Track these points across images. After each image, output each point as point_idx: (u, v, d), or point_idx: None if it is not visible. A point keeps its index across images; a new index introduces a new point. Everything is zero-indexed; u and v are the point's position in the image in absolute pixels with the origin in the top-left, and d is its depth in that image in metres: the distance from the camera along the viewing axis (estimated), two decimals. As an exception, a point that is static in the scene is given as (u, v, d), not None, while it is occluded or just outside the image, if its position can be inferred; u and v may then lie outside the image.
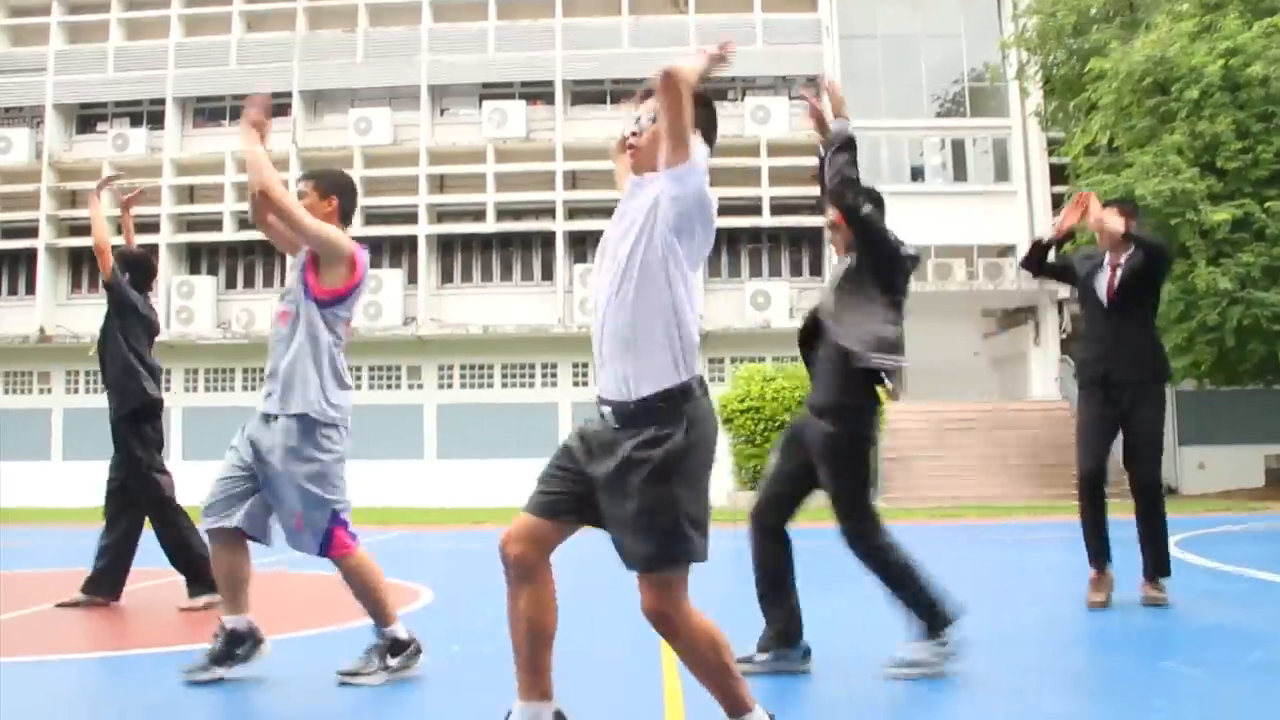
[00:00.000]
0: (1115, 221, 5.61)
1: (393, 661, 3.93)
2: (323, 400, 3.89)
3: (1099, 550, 5.58)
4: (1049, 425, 21.13)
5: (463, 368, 25.07)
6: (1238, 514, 15.05)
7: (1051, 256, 6.12)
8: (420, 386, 24.99)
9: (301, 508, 3.84)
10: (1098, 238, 5.77)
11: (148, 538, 6.05)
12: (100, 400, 23.62)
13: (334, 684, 3.85)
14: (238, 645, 3.89)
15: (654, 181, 2.75)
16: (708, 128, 2.85)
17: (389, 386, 24.97)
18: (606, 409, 2.75)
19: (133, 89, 26.33)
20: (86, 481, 23.34)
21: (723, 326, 24.00)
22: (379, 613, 3.96)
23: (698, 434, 2.68)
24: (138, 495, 5.92)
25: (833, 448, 3.99)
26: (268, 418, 3.92)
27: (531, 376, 24.95)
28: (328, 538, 3.88)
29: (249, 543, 3.96)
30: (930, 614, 3.89)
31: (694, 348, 2.76)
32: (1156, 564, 5.57)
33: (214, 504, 3.91)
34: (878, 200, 4.23)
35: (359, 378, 24.20)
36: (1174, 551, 8.64)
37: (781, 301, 24.00)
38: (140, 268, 6.29)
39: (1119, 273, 5.57)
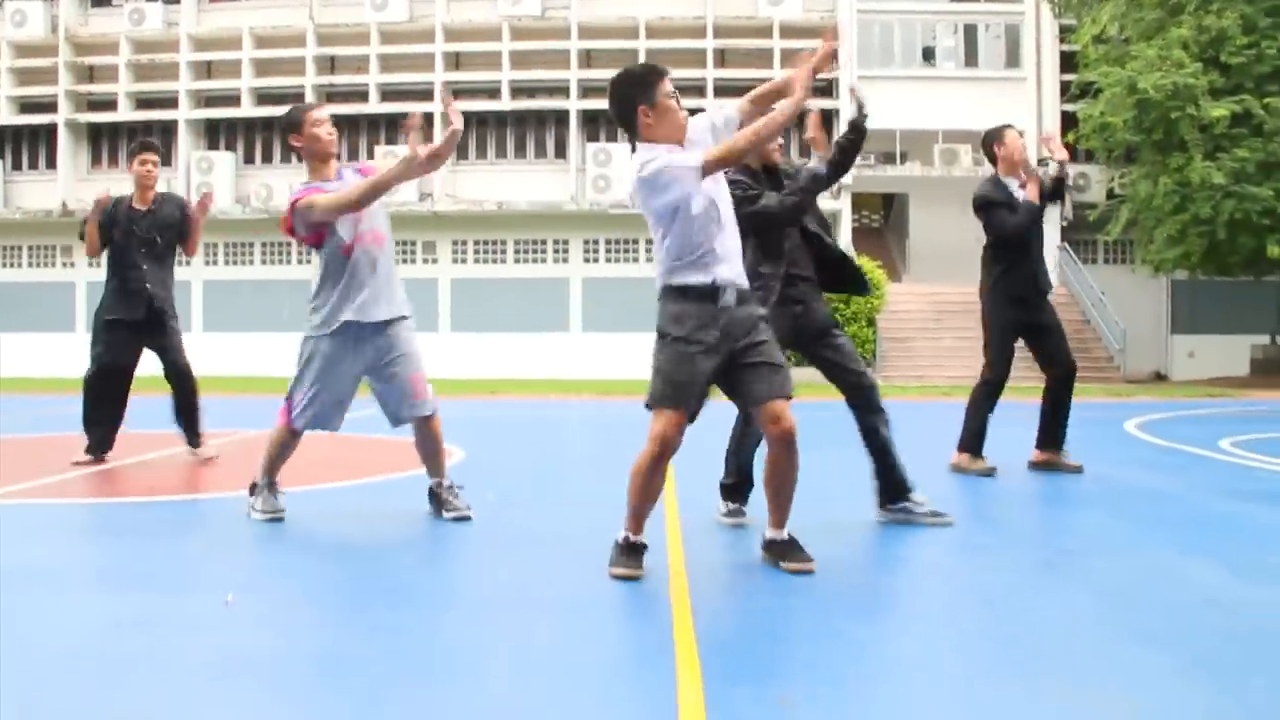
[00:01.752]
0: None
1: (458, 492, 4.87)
2: None
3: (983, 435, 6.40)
4: (1044, 311, 21.74)
5: (477, 243, 25.66)
6: (1215, 399, 15.82)
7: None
8: (435, 261, 25.63)
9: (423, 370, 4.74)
10: (1010, 164, 6.26)
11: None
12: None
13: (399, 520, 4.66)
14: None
15: None
16: None
17: (404, 261, 25.57)
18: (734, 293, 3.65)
19: (148, -39, 26.33)
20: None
21: (731, 209, 24.44)
22: (443, 464, 4.87)
23: None
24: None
25: None
26: (388, 323, 4.68)
27: (543, 252, 25.53)
28: None
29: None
30: None
31: None
32: (1063, 431, 6.44)
33: (319, 413, 4.69)
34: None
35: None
36: (1132, 430, 9.48)
37: (789, 184, 24.41)
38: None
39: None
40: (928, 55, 26.28)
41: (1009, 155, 6.25)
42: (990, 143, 6.36)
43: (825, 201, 23.74)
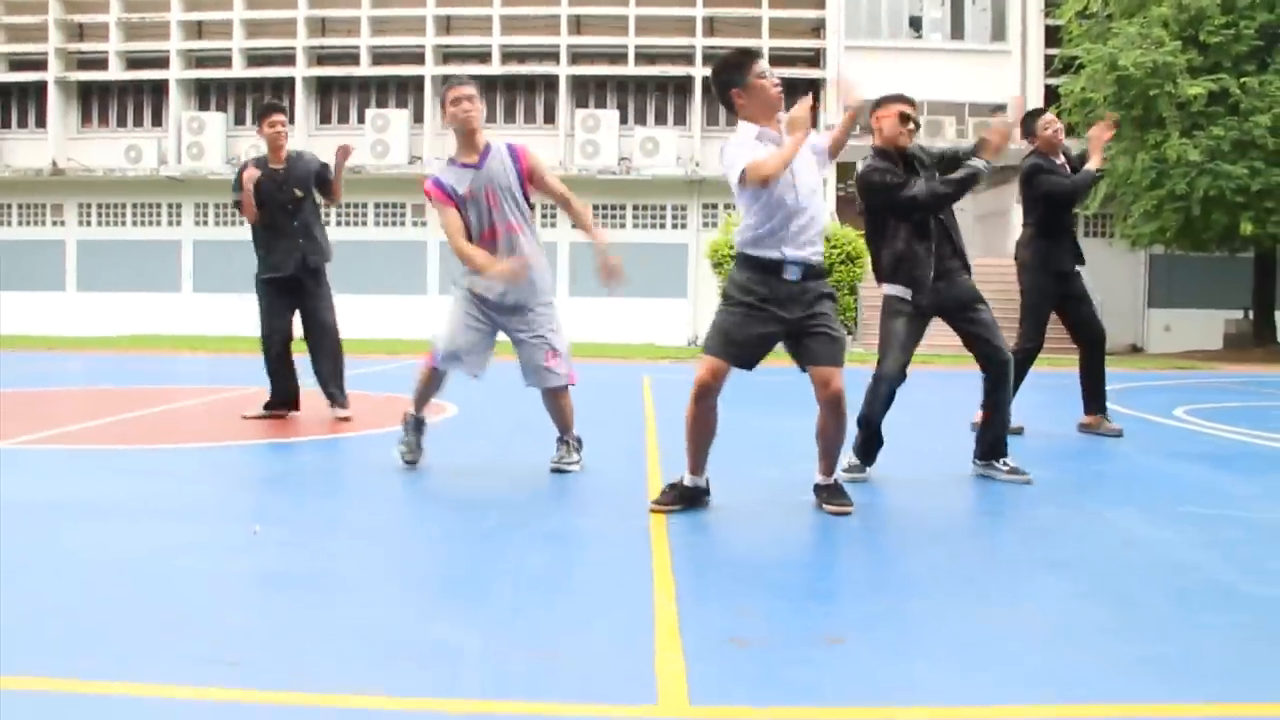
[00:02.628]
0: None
1: (580, 454, 5.19)
2: None
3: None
4: (1024, 282, 22.20)
5: (464, 208, 25.90)
6: (1183, 372, 16.33)
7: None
8: (424, 224, 25.88)
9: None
10: (1048, 139, 6.68)
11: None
12: (113, 232, 24.62)
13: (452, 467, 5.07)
14: (420, 431, 5.16)
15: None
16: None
17: (394, 224, 25.84)
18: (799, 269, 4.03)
19: (139, -82, 26.33)
20: (100, 312, 24.62)
21: (718, 174, 24.75)
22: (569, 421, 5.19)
23: None
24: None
25: None
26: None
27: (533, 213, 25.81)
28: None
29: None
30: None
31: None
32: (1104, 398, 6.94)
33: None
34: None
35: (364, 215, 25.12)
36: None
37: (776, 154, 24.73)
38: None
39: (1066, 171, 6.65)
40: (915, 23, 26.56)
41: (1050, 136, 6.67)
42: (1033, 121, 6.77)
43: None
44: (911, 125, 4.92)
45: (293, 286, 6.90)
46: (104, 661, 2.37)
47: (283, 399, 6.98)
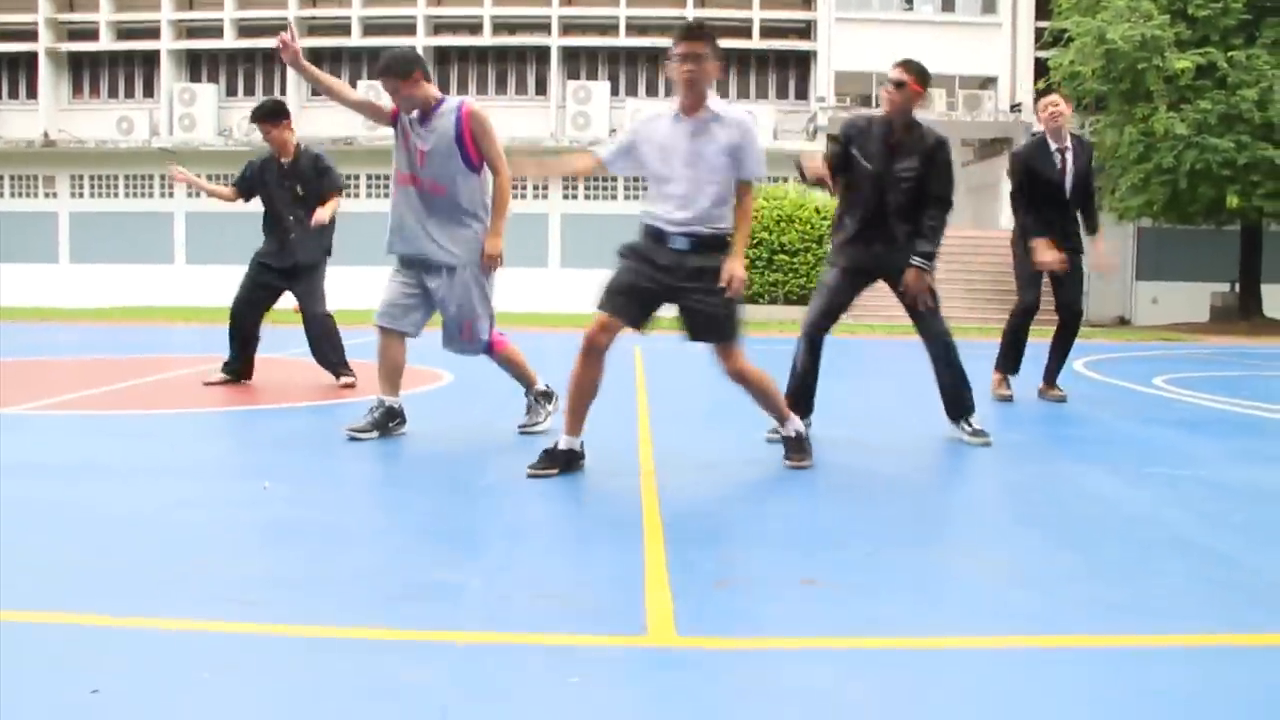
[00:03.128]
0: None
1: (550, 406, 5.31)
2: None
3: (1017, 361, 7.04)
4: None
5: (457, 179, 25.96)
6: (1168, 343, 16.55)
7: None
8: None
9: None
10: (1051, 118, 6.86)
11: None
12: (106, 204, 24.66)
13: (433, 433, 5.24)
14: (391, 420, 5.12)
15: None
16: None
17: (370, 195, 25.85)
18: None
19: (128, -112, 26.20)
20: (93, 283, 24.67)
21: (709, 149, 24.83)
22: (525, 376, 5.32)
23: None
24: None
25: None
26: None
27: (524, 187, 25.88)
28: None
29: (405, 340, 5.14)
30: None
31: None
32: (1057, 371, 7.23)
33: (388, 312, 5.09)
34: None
35: (358, 187, 25.16)
36: (1079, 369, 10.12)
37: (766, 124, 24.79)
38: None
39: (1068, 160, 6.78)
40: (906, -2, 26.61)
41: (1046, 119, 6.91)
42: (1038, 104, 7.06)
43: (802, 142, 24.19)
44: (890, 88, 5.00)
45: (284, 274, 7.12)
46: (130, 600, 2.55)
47: (234, 368, 7.19)
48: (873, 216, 5.09)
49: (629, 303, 4.15)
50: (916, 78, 5.01)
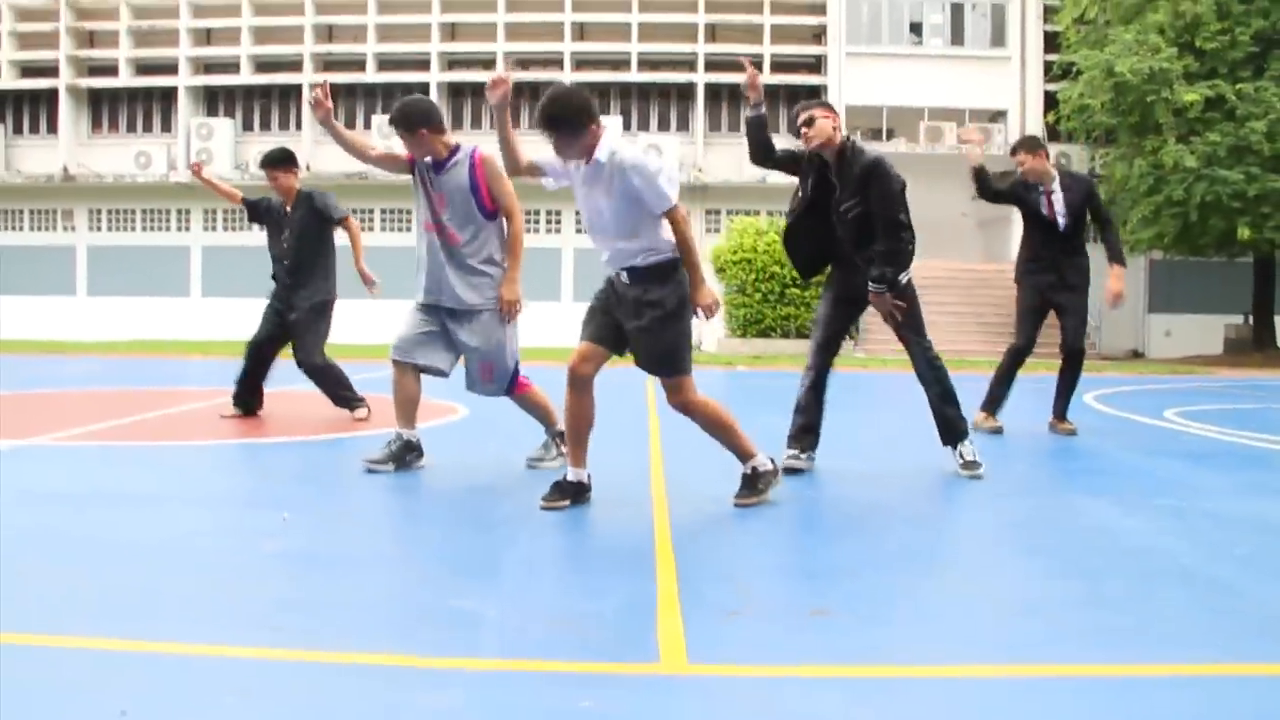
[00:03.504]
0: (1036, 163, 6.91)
1: (562, 447, 5.27)
2: None
3: (999, 401, 7.10)
4: (1024, 287, 22.43)
5: (471, 214, 26.17)
6: (1181, 376, 16.55)
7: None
8: (430, 231, 26.19)
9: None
10: (1023, 174, 6.98)
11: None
12: (123, 237, 24.84)
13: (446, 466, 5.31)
14: (409, 453, 5.18)
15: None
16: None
17: (401, 229, 26.10)
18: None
19: (149, -72, 26.66)
20: (110, 316, 24.89)
21: (721, 180, 25.05)
22: (548, 417, 5.35)
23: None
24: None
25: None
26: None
27: (537, 222, 26.09)
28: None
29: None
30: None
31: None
32: (1065, 406, 7.26)
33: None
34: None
35: (370, 220, 25.39)
36: (1090, 401, 10.15)
37: (778, 159, 24.96)
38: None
39: (1056, 200, 6.87)
40: (915, 31, 26.82)
41: (1023, 175, 7.02)
42: (1018, 150, 7.09)
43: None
44: (805, 128, 5.01)
45: (286, 319, 7.19)
46: (160, 625, 2.63)
47: (244, 401, 7.27)
48: (842, 246, 5.19)
49: (603, 329, 4.25)
50: (825, 108, 5.09)
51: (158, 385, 10.59)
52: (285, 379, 7.79)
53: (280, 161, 7.11)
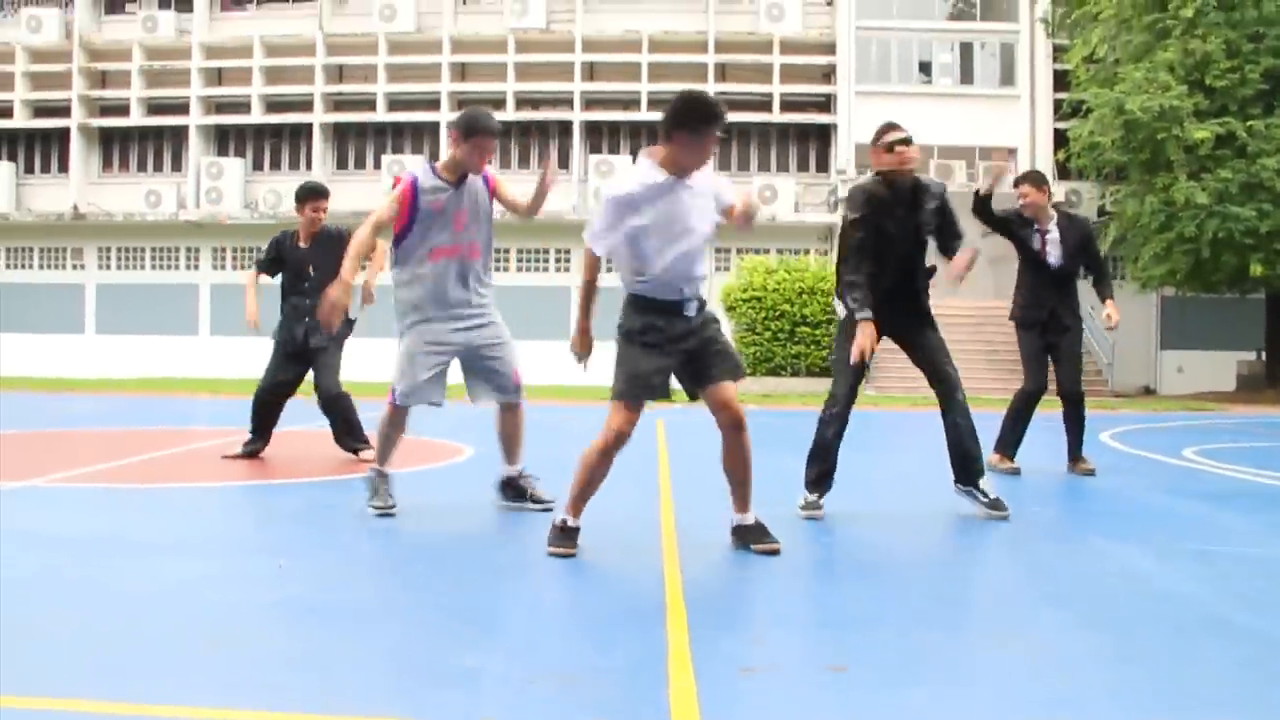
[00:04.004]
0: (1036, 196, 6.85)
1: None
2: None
3: (1016, 444, 6.97)
4: (1035, 324, 22.34)
5: (481, 251, 26.22)
6: (1195, 413, 16.38)
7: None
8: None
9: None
10: (1022, 207, 6.91)
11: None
12: (132, 276, 24.97)
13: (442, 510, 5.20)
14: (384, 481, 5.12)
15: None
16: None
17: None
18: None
19: (161, -30, 26.96)
20: (118, 354, 24.90)
21: (729, 219, 24.99)
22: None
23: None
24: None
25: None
26: None
27: (545, 261, 26.09)
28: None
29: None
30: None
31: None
32: (1078, 446, 7.10)
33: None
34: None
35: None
36: (1106, 440, 10.00)
37: (787, 196, 24.98)
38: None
39: (1051, 241, 6.79)
40: (924, 68, 26.91)
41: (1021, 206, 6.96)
42: (1021, 183, 7.08)
43: (823, 215, 24.33)
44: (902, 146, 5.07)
45: (301, 354, 7.09)
46: (152, 685, 2.51)
47: (254, 448, 7.18)
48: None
49: (663, 387, 4.16)
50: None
51: (165, 424, 10.51)
52: (292, 418, 7.69)
53: (324, 195, 7.14)
